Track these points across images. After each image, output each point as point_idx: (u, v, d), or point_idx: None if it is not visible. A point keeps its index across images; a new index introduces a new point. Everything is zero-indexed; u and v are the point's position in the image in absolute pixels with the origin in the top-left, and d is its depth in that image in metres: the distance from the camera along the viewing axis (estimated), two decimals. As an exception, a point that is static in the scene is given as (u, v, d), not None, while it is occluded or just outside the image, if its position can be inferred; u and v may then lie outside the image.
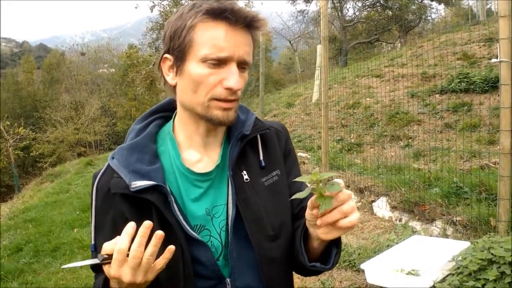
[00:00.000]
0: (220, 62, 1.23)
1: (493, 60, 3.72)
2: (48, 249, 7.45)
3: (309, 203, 1.16)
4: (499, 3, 3.62)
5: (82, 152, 31.52)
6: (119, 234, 1.20)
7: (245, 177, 1.38)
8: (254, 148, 1.45)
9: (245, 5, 22.34)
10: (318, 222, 1.14)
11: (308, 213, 1.19)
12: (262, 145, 1.47)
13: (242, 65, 1.27)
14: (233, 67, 1.24)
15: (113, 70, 44.63)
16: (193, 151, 1.39)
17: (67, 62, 44.87)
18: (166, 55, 1.33)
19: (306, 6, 26.88)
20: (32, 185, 19.79)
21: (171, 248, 1.14)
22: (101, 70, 45.71)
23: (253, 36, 1.30)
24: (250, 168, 1.41)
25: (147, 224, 1.09)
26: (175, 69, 1.32)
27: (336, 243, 1.35)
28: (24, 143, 28.30)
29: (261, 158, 1.44)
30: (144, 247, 1.09)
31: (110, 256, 1.11)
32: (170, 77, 1.34)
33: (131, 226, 1.10)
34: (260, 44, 12.08)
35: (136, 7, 23.17)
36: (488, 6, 23.49)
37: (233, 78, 1.23)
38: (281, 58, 50.67)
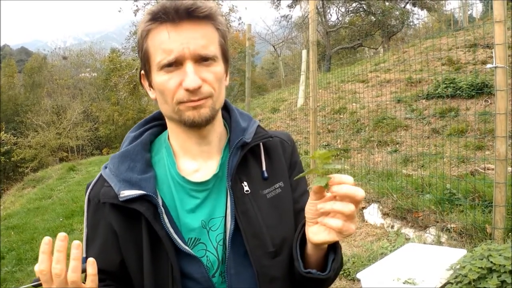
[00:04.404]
0: (174, 65, 1.16)
1: (489, 65, 3.70)
2: (31, 257, 7.25)
3: (313, 188, 1.10)
4: (494, 8, 3.61)
5: (64, 157, 31.09)
6: (109, 248, 1.17)
7: (246, 188, 1.30)
8: (257, 158, 1.37)
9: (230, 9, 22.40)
10: (318, 206, 1.07)
11: (308, 202, 1.14)
12: (265, 155, 1.39)
13: (202, 60, 1.18)
14: (187, 67, 1.16)
15: (95, 74, 44.30)
16: (189, 160, 1.32)
17: (49, 66, 44.31)
18: (142, 71, 1.29)
19: (290, 11, 27.09)
20: (13, 191, 19.43)
21: (90, 260, 1.05)
22: (83, 74, 45.26)
23: (212, 25, 1.21)
24: (252, 179, 1.33)
25: (61, 236, 1.01)
26: (148, 84, 1.28)
27: (334, 249, 1.26)
28: (5, 147, 27.95)
29: (264, 168, 1.36)
30: (66, 262, 1.01)
31: None
32: (151, 92, 1.29)
33: (45, 242, 1.01)
34: (246, 49, 12.06)
35: (119, 10, 23.02)
36: (469, 12, 23.75)
37: (187, 78, 1.15)
38: (264, 63, 50.76)
